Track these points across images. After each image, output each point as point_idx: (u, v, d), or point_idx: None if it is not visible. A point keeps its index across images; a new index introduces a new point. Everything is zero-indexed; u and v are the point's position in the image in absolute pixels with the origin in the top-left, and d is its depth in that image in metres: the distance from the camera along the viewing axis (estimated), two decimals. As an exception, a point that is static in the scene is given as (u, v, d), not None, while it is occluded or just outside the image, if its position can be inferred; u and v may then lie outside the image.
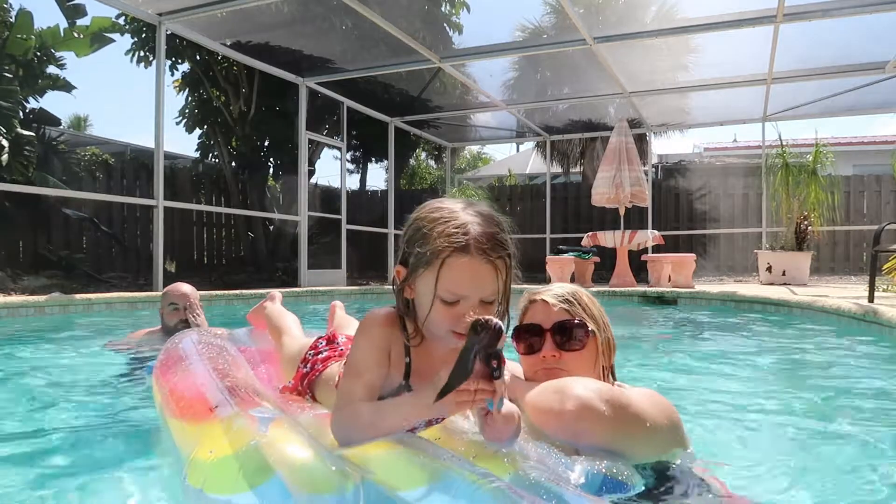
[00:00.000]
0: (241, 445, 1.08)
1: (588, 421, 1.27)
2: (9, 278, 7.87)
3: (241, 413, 1.24)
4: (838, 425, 2.11)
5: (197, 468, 1.08)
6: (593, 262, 9.37)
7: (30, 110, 9.72)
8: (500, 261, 1.24)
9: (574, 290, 1.62)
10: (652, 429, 1.32)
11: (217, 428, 1.19)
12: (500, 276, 1.24)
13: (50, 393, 2.54)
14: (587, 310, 1.57)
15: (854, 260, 11.87)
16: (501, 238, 1.26)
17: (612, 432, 1.28)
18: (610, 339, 1.61)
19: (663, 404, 1.39)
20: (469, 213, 1.27)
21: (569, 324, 1.53)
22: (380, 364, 1.30)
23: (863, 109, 10.96)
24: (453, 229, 1.23)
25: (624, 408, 1.29)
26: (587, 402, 1.28)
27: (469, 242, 1.21)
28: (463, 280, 1.22)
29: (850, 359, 3.55)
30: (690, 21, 7.48)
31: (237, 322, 5.49)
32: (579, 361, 1.52)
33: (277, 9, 7.34)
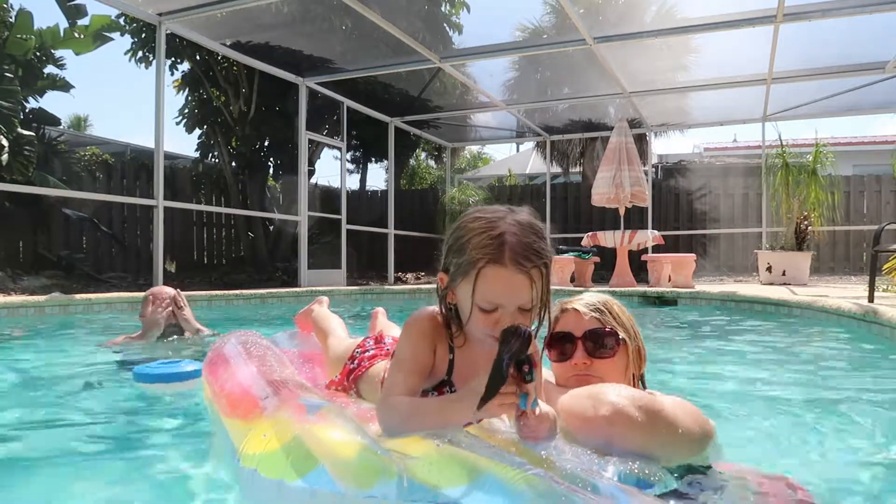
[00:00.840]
0: (289, 433, 1.16)
1: (621, 426, 1.29)
2: (9, 278, 7.88)
3: (289, 402, 1.31)
4: (838, 425, 2.11)
5: (251, 451, 1.17)
6: (593, 262, 9.37)
7: (30, 110, 9.72)
8: (535, 270, 1.26)
9: (605, 299, 1.66)
10: (684, 435, 1.33)
11: (267, 418, 1.28)
12: (535, 285, 1.26)
13: (34, 394, 2.53)
14: (618, 318, 1.61)
15: (854, 260, 11.87)
16: (538, 247, 1.27)
17: (644, 438, 1.29)
18: (640, 347, 1.65)
19: (695, 412, 1.40)
20: (507, 222, 1.28)
21: (600, 332, 1.57)
22: (424, 359, 1.34)
23: (863, 109, 10.96)
24: (489, 240, 1.25)
25: (656, 414, 1.30)
26: (621, 407, 1.29)
27: (503, 253, 1.24)
28: (498, 290, 1.25)
29: (850, 359, 3.55)
30: (690, 21, 7.48)
31: (237, 322, 5.50)
32: (610, 369, 1.56)
33: (277, 9, 7.34)
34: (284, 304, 7.18)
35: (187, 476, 1.52)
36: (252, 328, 2.87)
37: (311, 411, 1.26)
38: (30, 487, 1.49)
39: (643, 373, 1.67)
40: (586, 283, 9.13)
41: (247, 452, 1.19)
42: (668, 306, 7.10)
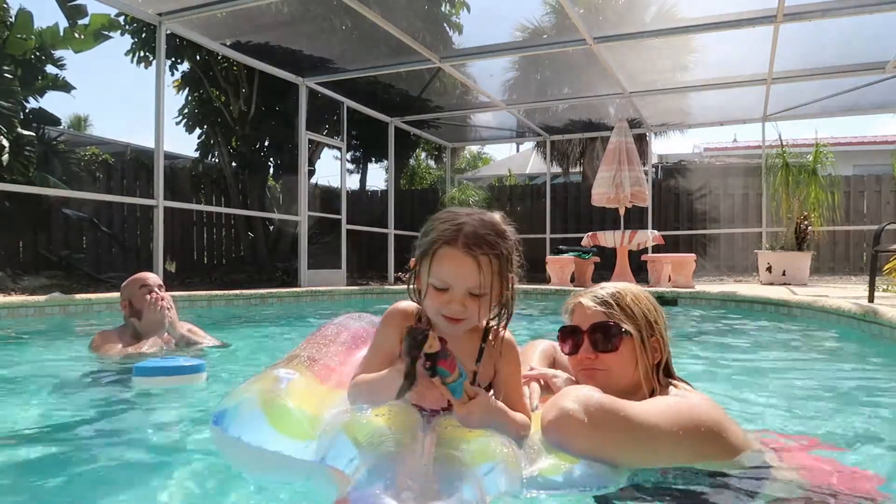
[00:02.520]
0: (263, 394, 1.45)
1: (565, 431, 1.31)
2: (9, 278, 7.87)
3: (266, 374, 1.58)
4: (838, 425, 2.11)
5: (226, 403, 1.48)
6: (593, 262, 9.38)
7: (30, 110, 9.72)
8: (483, 258, 1.38)
9: (617, 290, 1.64)
10: (656, 438, 1.32)
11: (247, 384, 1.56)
12: (483, 271, 1.38)
13: (33, 394, 2.53)
14: (627, 311, 1.59)
15: (854, 260, 11.86)
16: (491, 240, 1.40)
17: (592, 441, 1.30)
18: (658, 338, 1.61)
19: (687, 415, 1.37)
20: (472, 217, 1.44)
21: (603, 325, 1.57)
22: (389, 347, 1.47)
23: (863, 109, 10.95)
24: (449, 226, 1.41)
25: (613, 418, 1.30)
26: (566, 412, 1.32)
27: (457, 237, 1.38)
28: (447, 268, 1.39)
29: (850, 359, 3.55)
30: (690, 21, 7.47)
31: (237, 322, 5.50)
32: (615, 362, 1.56)
33: (277, 9, 7.34)
34: (284, 304, 7.18)
35: (187, 474, 1.52)
36: (252, 328, 2.88)
37: (282, 382, 1.51)
38: (27, 488, 1.49)
39: (663, 363, 1.62)
40: (586, 283, 9.13)
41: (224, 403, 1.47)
42: (668, 306, 7.10)
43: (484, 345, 1.49)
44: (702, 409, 1.41)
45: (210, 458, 1.59)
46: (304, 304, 7.36)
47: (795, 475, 1.34)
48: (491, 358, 1.49)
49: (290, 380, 1.53)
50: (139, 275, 3.30)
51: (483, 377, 1.49)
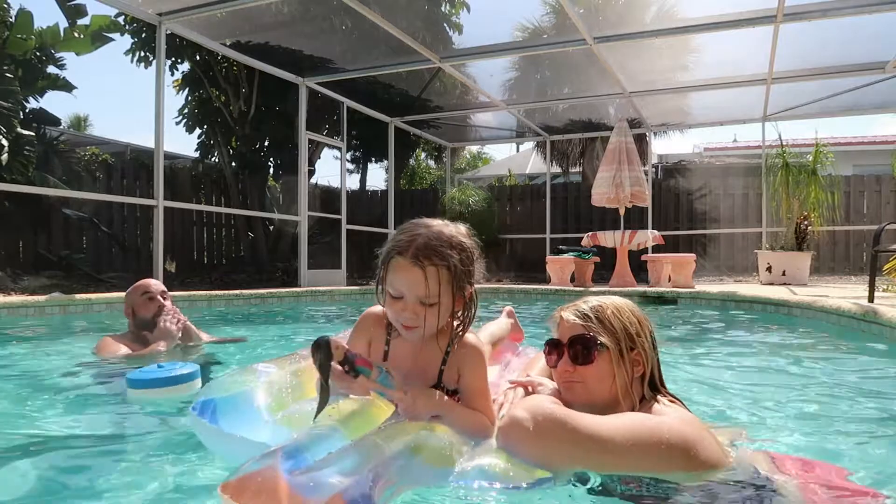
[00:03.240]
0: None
1: (512, 438, 1.36)
2: (9, 278, 7.88)
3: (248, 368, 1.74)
4: (837, 426, 2.11)
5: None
6: (593, 262, 9.37)
7: (30, 110, 9.72)
8: (431, 268, 1.46)
9: (598, 304, 1.66)
10: (604, 451, 1.33)
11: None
12: (430, 282, 1.46)
13: (32, 395, 2.53)
14: (606, 324, 1.60)
15: (854, 260, 11.86)
16: (441, 251, 1.47)
17: (537, 448, 1.33)
18: (639, 352, 1.62)
19: (646, 431, 1.37)
20: (431, 229, 1.52)
21: (580, 339, 1.59)
22: (358, 349, 1.54)
23: (863, 109, 10.95)
24: (404, 237, 1.50)
25: (559, 428, 1.32)
26: (514, 420, 1.36)
27: (409, 248, 1.47)
28: (398, 278, 1.48)
29: (849, 359, 3.55)
30: (690, 21, 7.48)
31: (237, 322, 5.49)
32: (592, 376, 1.58)
33: (277, 9, 7.34)
34: (284, 304, 7.18)
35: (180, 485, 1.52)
36: (252, 328, 2.87)
37: (260, 376, 1.66)
38: (20, 492, 1.49)
39: (649, 376, 1.63)
40: (586, 283, 9.13)
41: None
42: (668, 306, 7.10)
43: (449, 349, 1.57)
44: (667, 427, 1.39)
45: (204, 456, 1.59)
46: (304, 304, 7.36)
47: (789, 493, 1.33)
48: (455, 362, 1.57)
49: (268, 373, 1.67)
50: (141, 282, 3.28)
51: (448, 381, 1.57)
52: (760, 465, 1.46)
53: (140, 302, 3.18)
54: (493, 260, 12.41)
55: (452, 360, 1.57)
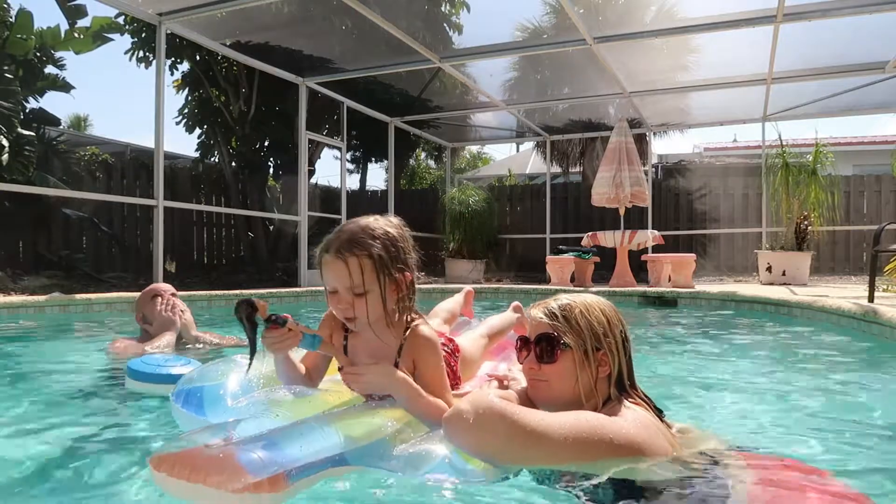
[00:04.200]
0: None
1: (453, 429, 1.38)
2: (9, 278, 7.87)
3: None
4: (837, 426, 2.11)
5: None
6: (593, 262, 9.37)
7: (30, 110, 9.71)
8: (353, 258, 1.55)
9: (567, 303, 1.65)
10: (540, 446, 1.34)
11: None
12: (353, 272, 1.54)
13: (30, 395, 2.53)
14: (572, 323, 1.60)
15: (854, 260, 11.86)
16: (362, 241, 1.56)
17: (474, 439, 1.35)
18: (605, 352, 1.60)
19: (590, 429, 1.38)
20: (357, 223, 1.62)
21: (545, 337, 1.60)
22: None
23: (863, 109, 10.95)
24: (332, 235, 1.60)
25: (497, 421, 1.34)
26: (457, 411, 1.38)
27: (332, 244, 1.58)
28: (326, 273, 1.59)
29: (849, 359, 3.55)
30: (690, 21, 7.47)
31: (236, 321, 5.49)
32: (556, 374, 1.59)
33: (277, 9, 7.33)
34: (284, 304, 7.18)
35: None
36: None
37: (236, 367, 1.82)
38: (19, 492, 1.49)
39: (621, 377, 1.62)
40: (586, 282, 9.13)
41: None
42: (668, 306, 7.10)
43: (404, 340, 1.64)
44: (612, 427, 1.40)
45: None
46: (304, 304, 7.36)
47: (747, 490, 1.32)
48: (410, 352, 1.63)
49: (244, 364, 1.77)
50: (150, 286, 3.36)
51: (405, 369, 1.62)
52: (724, 468, 1.44)
53: (149, 305, 3.24)
54: (494, 260, 12.40)
55: (406, 350, 1.63)
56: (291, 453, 1.23)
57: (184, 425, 1.70)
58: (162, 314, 3.16)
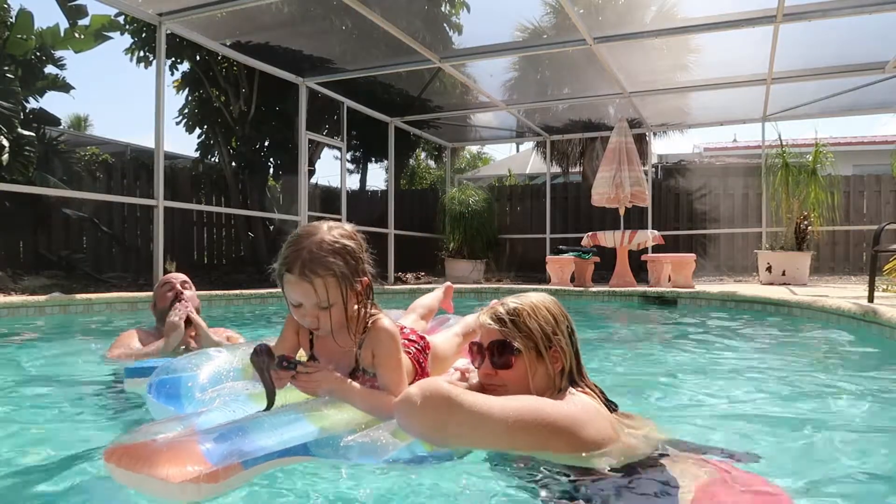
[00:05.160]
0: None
1: (402, 413, 1.42)
2: (9, 278, 7.88)
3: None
4: (837, 426, 2.11)
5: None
6: (593, 262, 9.37)
7: (30, 110, 9.71)
8: (318, 279, 1.60)
9: (514, 307, 1.69)
10: (483, 426, 1.39)
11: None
12: (319, 292, 1.61)
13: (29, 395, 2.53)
14: (521, 327, 1.65)
15: (854, 260, 11.86)
16: (325, 261, 1.61)
17: (421, 421, 1.39)
18: (556, 349, 1.66)
19: (531, 411, 1.43)
20: (311, 240, 1.65)
21: (498, 344, 1.65)
22: (288, 338, 1.83)
23: (863, 109, 10.95)
24: (289, 252, 1.64)
25: (443, 403, 1.38)
26: (406, 396, 1.43)
27: (294, 265, 1.61)
28: (290, 293, 1.65)
29: (849, 359, 3.55)
30: (690, 21, 7.47)
31: (237, 321, 5.50)
32: (512, 378, 1.64)
33: (277, 9, 7.33)
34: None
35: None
36: (252, 327, 2.88)
37: (209, 360, 1.95)
38: (17, 493, 1.49)
39: (567, 371, 1.67)
40: (586, 282, 9.13)
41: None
42: (668, 306, 7.10)
43: (364, 334, 1.73)
44: (554, 409, 1.46)
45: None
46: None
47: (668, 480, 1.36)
48: (369, 345, 1.72)
49: (217, 357, 1.92)
50: (167, 275, 3.30)
51: (365, 362, 1.73)
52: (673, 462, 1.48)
53: (160, 293, 3.20)
54: (494, 260, 12.40)
55: (366, 343, 1.72)
56: (246, 444, 1.29)
57: (157, 416, 1.76)
58: (170, 319, 3.03)
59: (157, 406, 1.75)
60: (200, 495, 1.20)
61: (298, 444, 1.39)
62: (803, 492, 1.46)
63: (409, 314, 2.66)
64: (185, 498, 1.19)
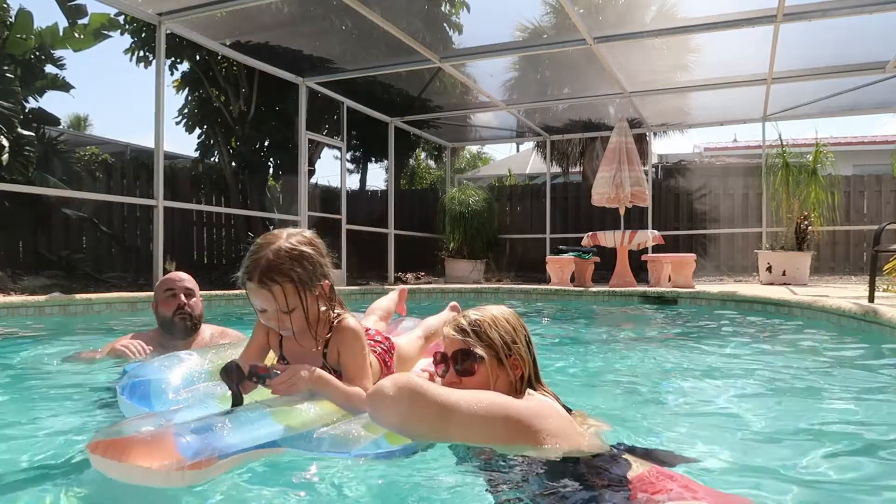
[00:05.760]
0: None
1: (374, 405, 1.50)
2: (9, 278, 7.88)
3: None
4: (836, 426, 2.11)
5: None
6: (593, 262, 9.37)
7: (29, 110, 9.71)
8: (276, 287, 1.69)
9: (476, 318, 1.79)
10: (450, 418, 1.47)
11: None
12: (278, 297, 1.70)
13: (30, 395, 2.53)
14: (483, 337, 1.75)
15: (854, 260, 11.86)
16: (283, 268, 1.69)
17: (393, 413, 1.47)
18: (516, 357, 1.76)
19: (491, 407, 1.52)
20: (269, 248, 1.73)
21: (462, 352, 1.75)
22: (257, 340, 1.91)
23: (863, 109, 10.95)
24: (249, 261, 1.74)
25: (414, 395, 1.47)
26: (378, 388, 1.51)
27: (254, 273, 1.70)
28: (253, 299, 1.74)
29: (849, 359, 3.55)
30: (690, 21, 7.48)
31: (238, 321, 5.50)
32: (475, 384, 1.72)
33: (277, 9, 7.33)
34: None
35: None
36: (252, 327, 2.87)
37: (180, 362, 2.04)
38: (17, 493, 1.49)
39: (526, 377, 1.77)
40: (586, 282, 9.13)
41: None
42: (668, 306, 7.10)
43: (330, 334, 1.82)
44: (514, 405, 1.56)
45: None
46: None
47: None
48: (335, 344, 1.81)
49: (188, 360, 2.01)
50: (168, 276, 3.10)
51: (331, 360, 1.82)
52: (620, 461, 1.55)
53: (162, 298, 3.00)
54: (494, 260, 12.41)
55: (332, 342, 1.82)
56: (222, 437, 1.38)
57: (130, 415, 1.83)
58: (118, 347, 2.83)
59: (131, 407, 1.83)
60: (183, 482, 1.29)
61: (273, 438, 1.46)
62: (799, 491, 1.46)
63: (370, 316, 2.77)
64: (166, 484, 1.28)
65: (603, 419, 1.89)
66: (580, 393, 2.65)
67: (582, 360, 3.53)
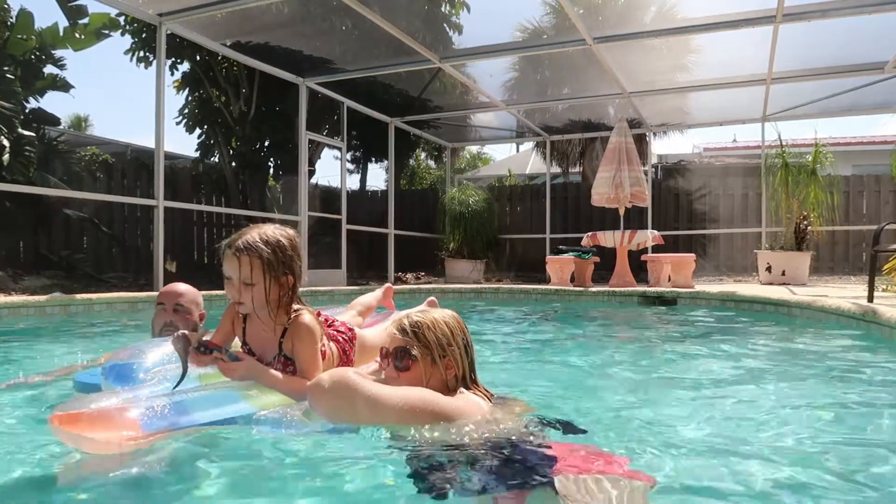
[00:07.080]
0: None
1: (312, 396, 1.69)
2: (9, 278, 7.88)
3: None
4: (835, 425, 2.11)
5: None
6: (593, 262, 9.38)
7: (30, 110, 9.71)
8: (244, 257, 1.92)
9: (417, 320, 1.93)
10: (378, 407, 1.64)
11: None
12: (244, 267, 1.92)
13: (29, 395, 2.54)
14: (420, 337, 1.89)
15: (853, 260, 11.87)
16: (254, 245, 1.93)
17: (327, 403, 1.65)
18: (450, 358, 1.89)
19: (412, 398, 1.69)
20: (253, 230, 1.99)
21: (399, 350, 1.90)
22: (224, 327, 2.11)
23: (863, 109, 10.96)
24: (235, 234, 2.00)
25: (345, 387, 1.64)
26: (316, 381, 1.70)
27: (233, 242, 1.96)
28: (225, 264, 1.96)
29: (849, 359, 3.56)
30: (690, 21, 7.48)
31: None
32: (409, 380, 1.87)
33: (277, 9, 7.34)
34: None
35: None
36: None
37: (157, 346, 2.21)
38: (16, 493, 1.49)
39: (460, 376, 1.91)
40: (586, 282, 9.14)
41: None
42: (668, 306, 7.11)
43: (287, 326, 2.00)
44: (441, 399, 1.73)
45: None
46: (304, 304, 7.35)
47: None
48: (291, 335, 1.99)
49: (162, 344, 2.14)
50: (166, 287, 2.90)
51: (287, 350, 2.00)
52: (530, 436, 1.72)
53: (155, 312, 2.82)
54: (494, 260, 12.41)
55: (288, 334, 2.00)
56: (175, 413, 1.60)
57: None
58: (154, 322, 2.78)
59: (109, 388, 1.99)
60: (132, 448, 1.50)
61: (222, 417, 1.69)
62: (803, 491, 1.46)
63: (349, 310, 2.94)
64: (116, 450, 1.48)
65: (524, 400, 2.08)
66: (581, 393, 2.66)
67: (582, 361, 3.54)
